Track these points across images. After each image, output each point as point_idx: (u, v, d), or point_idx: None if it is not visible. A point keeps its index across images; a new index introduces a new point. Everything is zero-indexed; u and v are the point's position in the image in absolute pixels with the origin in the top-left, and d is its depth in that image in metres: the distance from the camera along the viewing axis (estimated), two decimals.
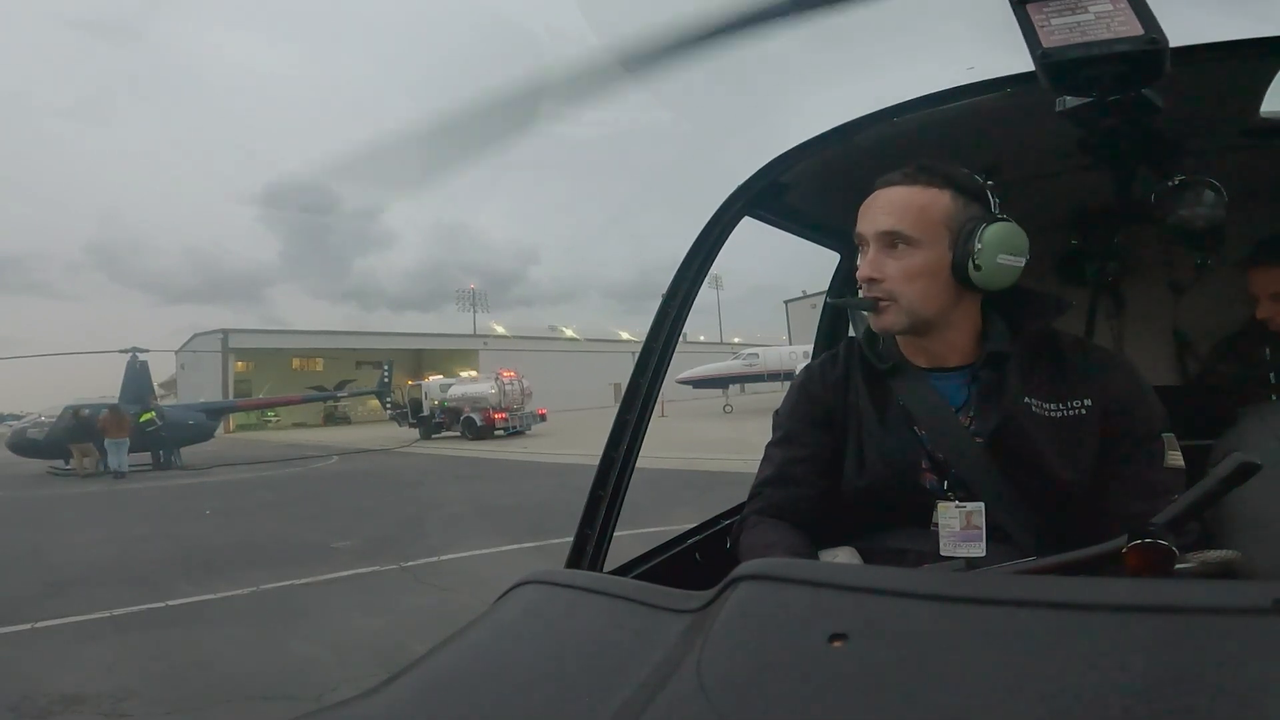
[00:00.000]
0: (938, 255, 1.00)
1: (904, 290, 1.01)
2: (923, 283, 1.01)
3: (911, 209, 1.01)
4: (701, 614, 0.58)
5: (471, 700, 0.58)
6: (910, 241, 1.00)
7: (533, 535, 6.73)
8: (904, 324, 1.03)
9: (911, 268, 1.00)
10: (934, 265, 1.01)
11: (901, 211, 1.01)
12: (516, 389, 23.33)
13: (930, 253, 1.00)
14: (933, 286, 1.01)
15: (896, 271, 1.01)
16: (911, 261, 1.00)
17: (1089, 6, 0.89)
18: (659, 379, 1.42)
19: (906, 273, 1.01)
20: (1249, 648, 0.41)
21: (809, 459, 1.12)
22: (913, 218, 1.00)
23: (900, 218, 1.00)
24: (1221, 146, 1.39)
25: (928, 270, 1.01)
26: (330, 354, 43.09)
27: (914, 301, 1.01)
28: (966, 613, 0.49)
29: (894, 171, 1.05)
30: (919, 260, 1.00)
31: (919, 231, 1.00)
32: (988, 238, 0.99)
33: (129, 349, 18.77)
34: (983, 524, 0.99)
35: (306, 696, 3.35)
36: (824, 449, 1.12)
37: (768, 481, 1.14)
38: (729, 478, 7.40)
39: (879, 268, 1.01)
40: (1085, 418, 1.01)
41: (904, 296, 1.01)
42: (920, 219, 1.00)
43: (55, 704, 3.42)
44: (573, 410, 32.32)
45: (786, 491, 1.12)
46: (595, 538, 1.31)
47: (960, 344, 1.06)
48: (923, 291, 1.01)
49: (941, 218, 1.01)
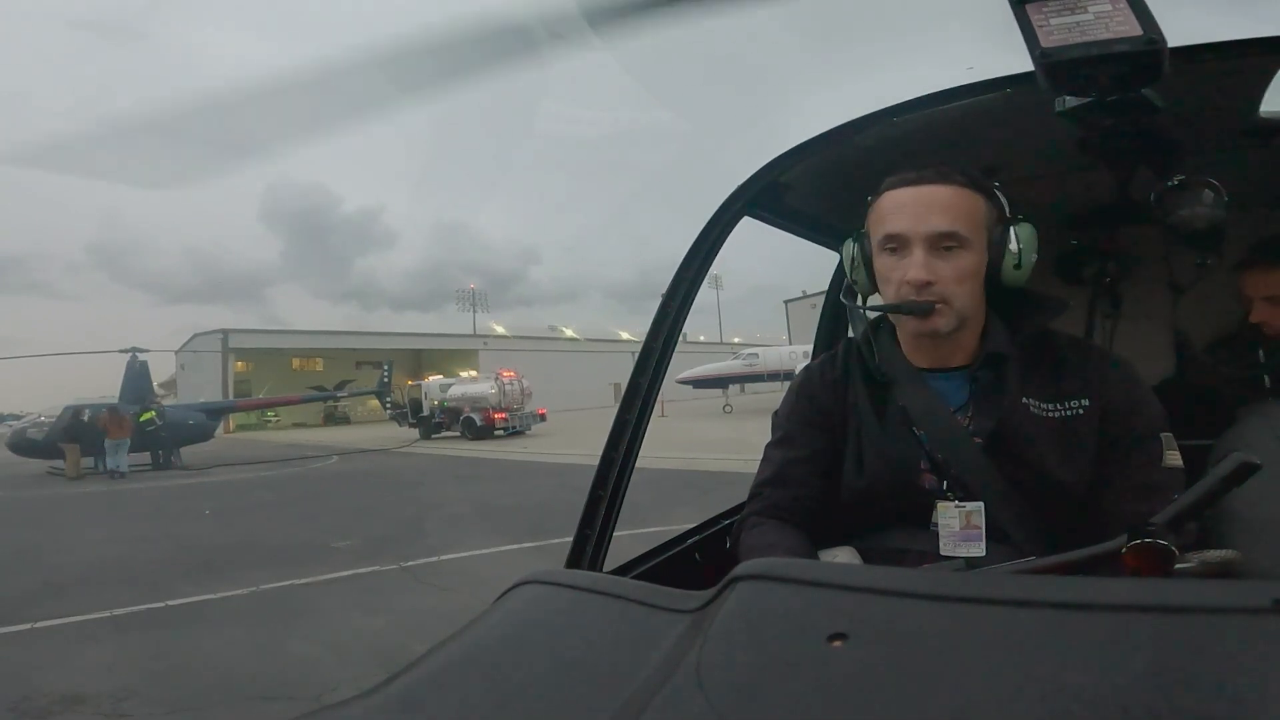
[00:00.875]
0: (981, 257, 1.01)
1: (956, 292, 1.00)
2: (970, 284, 1.01)
3: (963, 210, 1.00)
4: (701, 614, 0.58)
5: (471, 700, 0.58)
6: (964, 243, 0.99)
7: (532, 535, 6.73)
8: (953, 326, 1.02)
9: (964, 269, 1.00)
10: (979, 267, 1.02)
11: (955, 213, 0.99)
12: (516, 389, 23.34)
13: (978, 255, 1.01)
14: (976, 288, 1.03)
15: (949, 273, 0.99)
16: (964, 263, 1.00)
17: (1088, 6, 0.89)
18: (659, 379, 1.41)
19: (959, 274, 1.00)
20: (1249, 648, 0.41)
21: (808, 459, 1.13)
22: (965, 218, 1.00)
23: (954, 218, 0.99)
24: (1221, 146, 1.39)
25: (977, 272, 1.02)
26: (330, 354, 43.09)
27: (965, 303, 1.01)
28: (966, 613, 0.49)
29: (913, 171, 1.03)
30: (971, 262, 1.00)
31: (972, 233, 1.00)
32: (1024, 238, 1.01)
33: (129, 349, 18.79)
34: (982, 524, 0.99)
35: (306, 696, 3.35)
36: (823, 450, 1.12)
37: (767, 482, 1.14)
38: (729, 478, 7.40)
39: (933, 270, 0.99)
40: (1083, 418, 1.01)
41: (956, 298, 1.00)
42: (971, 220, 1.00)
43: (55, 704, 3.42)
44: (573, 410, 32.32)
45: (786, 492, 1.12)
46: (595, 538, 1.31)
47: (969, 344, 1.07)
48: (970, 293, 1.02)
49: (983, 220, 1.02)
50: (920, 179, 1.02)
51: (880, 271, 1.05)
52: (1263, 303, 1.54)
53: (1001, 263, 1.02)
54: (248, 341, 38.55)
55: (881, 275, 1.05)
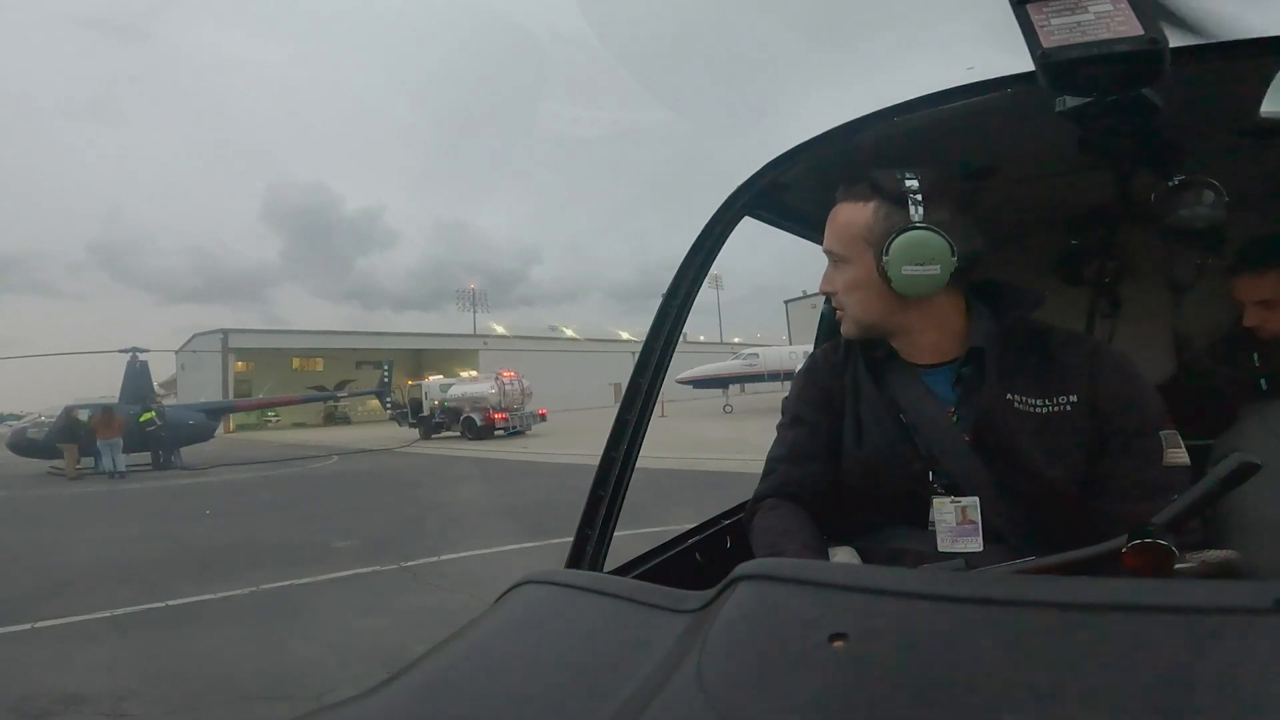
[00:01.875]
0: (866, 268, 1.05)
1: (847, 301, 1.09)
2: (859, 294, 1.07)
3: (837, 227, 1.08)
4: (701, 614, 0.58)
5: (471, 700, 0.58)
6: (844, 258, 1.08)
7: (532, 535, 6.73)
8: (855, 331, 1.11)
9: (848, 281, 1.08)
10: (864, 278, 1.06)
11: (832, 230, 1.09)
12: (516, 389, 23.33)
13: (858, 267, 1.06)
14: (869, 297, 1.07)
15: (840, 284, 1.09)
16: (846, 276, 1.08)
17: (1089, 6, 0.89)
18: (659, 379, 1.41)
19: (846, 285, 1.09)
20: (1249, 648, 0.41)
21: (817, 437, 1.16)
22: (837, 236, 1.08)
23: (831, 237, 1.09)
24: (1221, 146, 1.39)
25: (860, 283, 1.07)
26: (330, 354, 43.11)
27: (856, 311, 1.09)
28: (967, 612, 0.49)
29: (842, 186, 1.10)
30: (850, 275, 1.08)
31: (844, 249, 1.07)
32: (893, 250, 1.00)
33: (128, 349, 18.79)
34: (978, 518, 0.99)
35: (306, 696, 3.35)
36: (830, 427, 1.16)
37: (780, 459, 1.19)
38: (730, 478, 7.41)
39: (830, 281, 1.11)
40: (1071, 414, 0.99)
41: (849, 306, 1.09)
42: (843, 237, 1.07)
43: (55, 704, 3.42)
44: (573, 410, 32.32)
45: (798, 468, 1.16)
46: (595, 538, 1.31)
47: (939, 342, 1.08)
48: (861, 302, 1.08)
49: (860, 232, 1.05)
50: (836, 196, 1.10)
51: None
52: (1255, 307, 1.51)
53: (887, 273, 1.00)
54: (248, 341, 38.55)
55: None
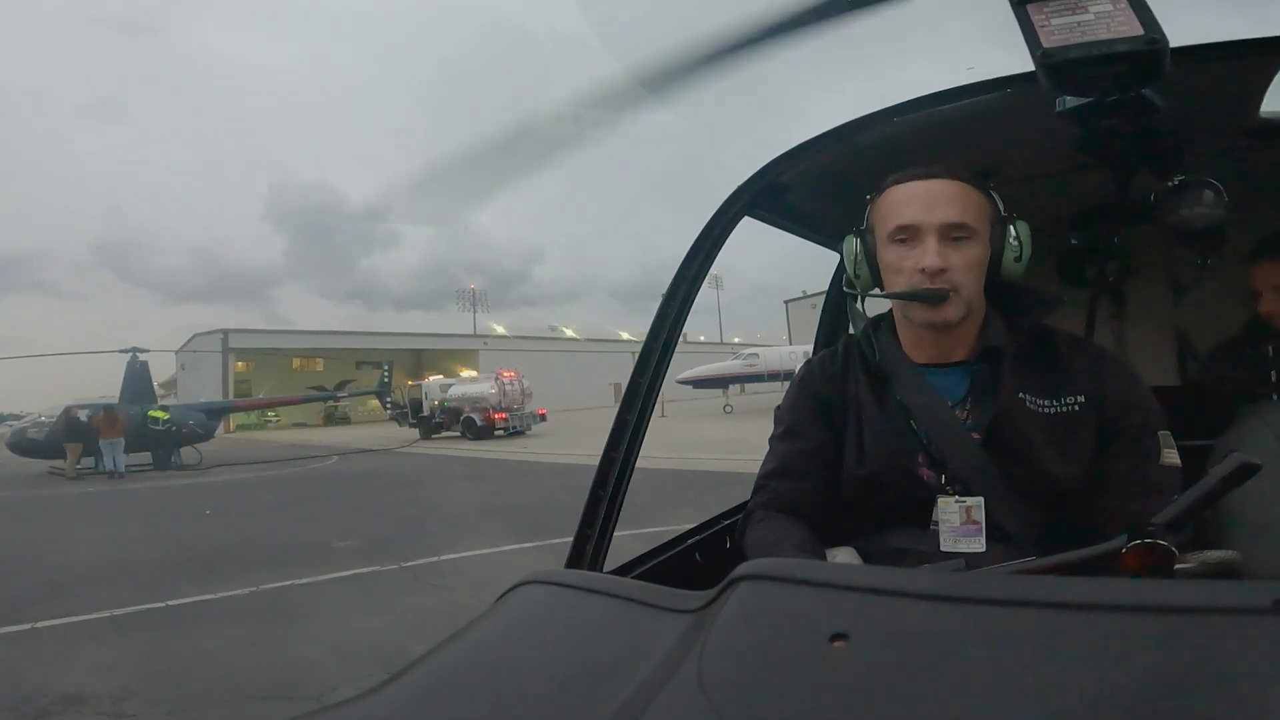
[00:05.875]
0: (985, 250, 1.05)
1: (965, 281, 1.03)
2: (976, 274, 1.04)
3: (971, 203, 1.04)
4: (701, 614, 0.58)
5: (471, 700, 0.58)
6: (973, 235, 1.03)
7: (532, 535, 6.73)
8: (962, 314, 1.04)
9: (973, 259, 1.03)
10: (984, 259, 1.05)
11: (964, 205, 1.04)
12: (516, 389, 23.32)
13: (984, 247, 1.04)
14: (981, 279, 1.05)
15: (960, 262, 1.02)
16: (973, 253, 1.03)
17: (1089, 6, 0.89)
18: (659, 379, 1.41)
19: (968, 264, 1.03)
20: (1249, 648, 0.41)
21: (811, 451, 1.14)
22: (973, 211, 1.04)
23: (964, 210, 1.03)
24: (1221, 146, 1.39)
25: (982, 263, 1.05)
26: (330, 354, 43.04)
27: (972, 293, 1.04)
28: (967, 613, 0.49)
29: (921, 166, 1.07)
30: (979, 252, 1.04)
31: (979, 225, 1.04)
32: (1024, 234, 1.06)
33: (129, 349, 18.79)
34: (982, 519, 1.00)
35: (306, 696, 3.35)
36: (826, 441, 1.14)
37: (772, 474, 1.16)
38: (730, 478, 7.41)
39: (945, 258, 1.01)
40: (1079, 414, 1.02)
41: (965, 288, 1.03)
42: (978, 213, 1.05)
43: (55, 704, 3.42)
44: (573, 410, 32.31)
45: (791, 484, 1.13)
46: (595, 538, 1.31)
47: (968, 339, 1.08)
48: (977, 283, 1.05)
49: (988, 214, 1.06)
50: (929, 174, 1.06)
51: (890, 263, 1.07)
52: (1272, 292, 1.54)
53: (1003, 256, 1.05)
54: (248, 341, 38.52)
55: (891, 266, 1.07)
